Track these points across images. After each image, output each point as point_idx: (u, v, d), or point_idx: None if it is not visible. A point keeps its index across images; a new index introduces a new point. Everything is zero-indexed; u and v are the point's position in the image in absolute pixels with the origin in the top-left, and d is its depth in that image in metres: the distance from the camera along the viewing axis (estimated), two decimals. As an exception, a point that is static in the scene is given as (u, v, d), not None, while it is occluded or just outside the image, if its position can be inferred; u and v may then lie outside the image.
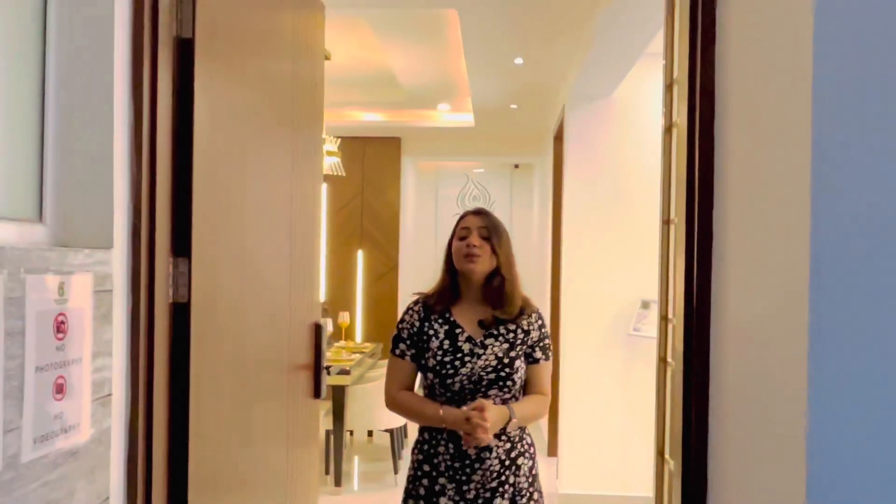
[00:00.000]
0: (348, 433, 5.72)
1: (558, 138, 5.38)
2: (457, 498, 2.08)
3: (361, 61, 5.30)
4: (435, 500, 2.10)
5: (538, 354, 2.20)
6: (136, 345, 1.45)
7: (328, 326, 5.32)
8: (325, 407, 4.90)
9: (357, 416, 4.72)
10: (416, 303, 2.25)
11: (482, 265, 2.16)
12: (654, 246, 3.99)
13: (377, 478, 5.13)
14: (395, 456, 4.93)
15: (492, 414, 2.01)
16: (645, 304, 4.27)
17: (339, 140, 5.26)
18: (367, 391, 4.71)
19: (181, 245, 1.58)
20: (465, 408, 2.04)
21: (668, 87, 2.43)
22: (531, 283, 8.09)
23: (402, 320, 2.24)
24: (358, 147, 7.11)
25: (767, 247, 1.21)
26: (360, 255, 7.19)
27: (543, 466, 5.36)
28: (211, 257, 1.68)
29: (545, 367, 2.22)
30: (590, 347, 4.45)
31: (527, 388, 2.19)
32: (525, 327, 2.18)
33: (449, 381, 2.10)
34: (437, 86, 5.60)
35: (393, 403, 2.23)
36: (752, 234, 1.30)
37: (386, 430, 4.91)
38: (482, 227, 2.18)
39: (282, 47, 2.11)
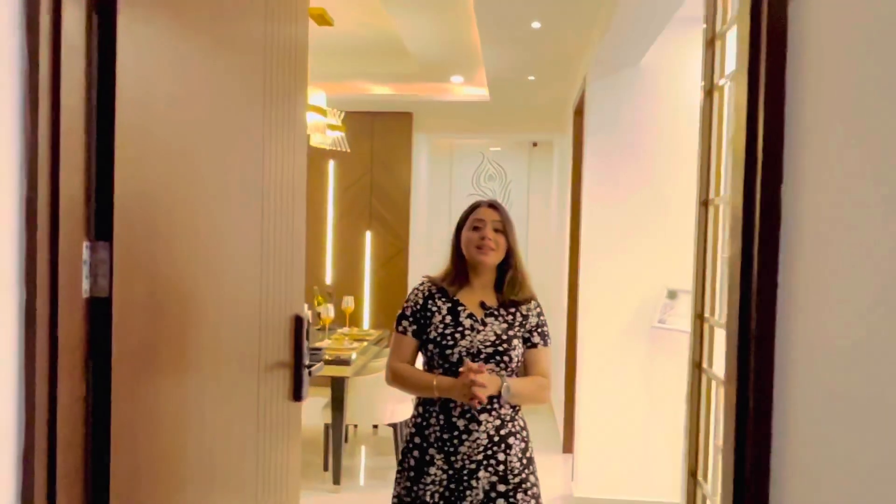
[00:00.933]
0: (353, 426, 5.44)
1: (579, 112, 5.00)
2: (445, 467, 2.19)
3: (368, 28, 4.94)
4: (425, 469, 2.21)
5: (536, 339, 2.29)
6: (32, 353, 1.13)
7: (330, 312, 5.02)
8: (325, 395, 4.60)
9: (358, 409, 4.41)
10: (422, 284, 2.36)
11: (494, 258, 2.26)
12: (685, 230, 3.65)
13: (380, 474, 4.84)
14: (399, 452, 4.63)
15: (485, 374, 2.11)
16: (671, 294, 3.91)
17: (343, 113, 4.91)
18: (369, 383, 4.40)
19: (101, 226, 1.25)
20: (461, 369, 2.14)
21: (710, 43, 2.06)
22: (548, 268, 7.72)
23: (408, 300, 2.35)
24: (366, 122, 6.75)
25: (872, 234, 0.85)
26: (368, 237, 6.87)
27: (558, 464, 5.09)
28: (144, 241, 1.35)
29: (543, 352, 2.30)
30: (609, 340, 4.10)
31: (526, 372, 2.30)
32: (524, 312, 2.29)
33: (448, 351, 2.20)
34: (449, 55, 5.23)
35: (392, 376, 2.32)
36: (844, 217, 0.94)
37: (389, 425, 4.60)
38: (497, 221, 2.26)
39: (251, 3, 1.77)
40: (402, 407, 4.50)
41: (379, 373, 4.50)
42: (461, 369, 2.14)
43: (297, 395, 2.20)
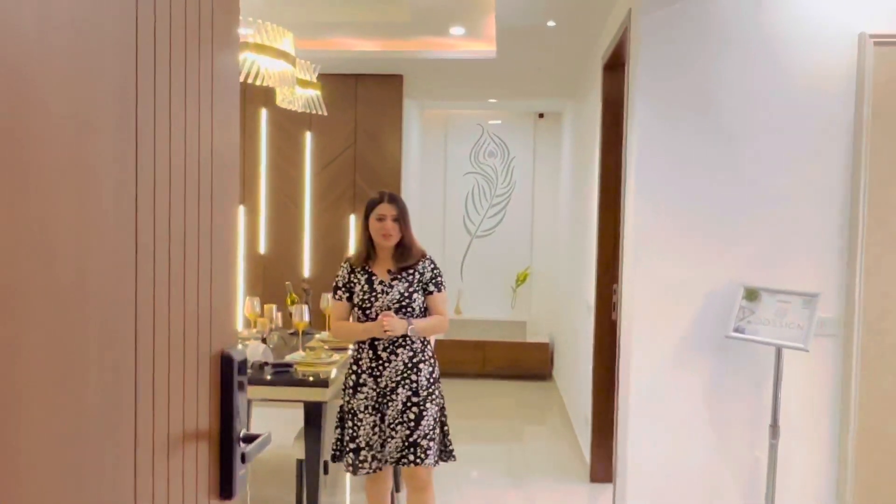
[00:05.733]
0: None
1: (611, 67, 4.04)
2: (373, 385, 3.09)
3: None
4: (359, 388, 3.11)
5: (431, 288, 3.16)
6: None
7: (305, 315, 4.05)
8: (298, 420, 3.63)
9: (340, 442, 3.45)
10: (346, 262, 3.24)
11: (393, 241, 3.13)
12: (774, 209, 2.78)
13: (369, 515, 3.89)
14: (393, 489, 3.69)
15: (392, 318, 3.03)
16: (751, 294, 2.97)
17: (317, 68, 3.92)
18: (353, 408, 3.44)
19: None
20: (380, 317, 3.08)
21: None
22: (559, 257, 6.76)
23: (338, 275, 3.22)
24: (349, 86, 5.74)
25: None
26: (352, 221, 5.89)
27: (583, 496, 4.20)
28: None
29: (439, 297, 3.19)
30: (665, 352, 3.17)
31: (428, 313, 3.18)
32: (420, 270, 3.15)
33: (368, 310, 3.12)
34: (449, -2, 4.24)
35: (336, 330, 3.25)
36: None
37: (380, 459, 3.65)
38: (394, 214, 3.11)
39: None
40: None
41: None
42: (379, 316, 3.06)
43: (224, 489, 1.34)
